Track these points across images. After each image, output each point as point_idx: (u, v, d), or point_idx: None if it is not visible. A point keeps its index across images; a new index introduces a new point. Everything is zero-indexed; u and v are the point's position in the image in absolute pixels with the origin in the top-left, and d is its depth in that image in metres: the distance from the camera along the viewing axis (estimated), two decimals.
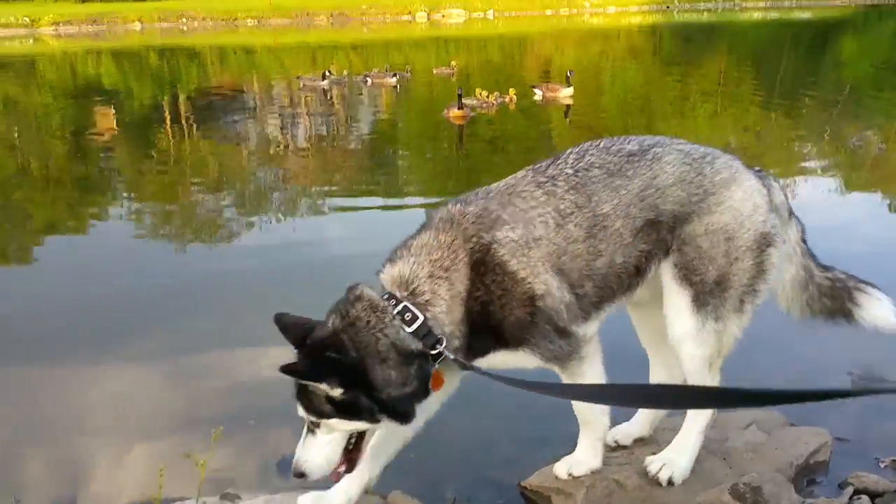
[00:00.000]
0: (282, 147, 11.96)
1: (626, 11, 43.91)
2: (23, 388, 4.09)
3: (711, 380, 2.55)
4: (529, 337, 2.32)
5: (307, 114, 15.34)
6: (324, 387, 2.11)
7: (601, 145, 2.51)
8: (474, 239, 2.29)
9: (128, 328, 4.83)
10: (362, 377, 2.14)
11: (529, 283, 2.25)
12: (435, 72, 19.98)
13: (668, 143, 2.55)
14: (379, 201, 8.11)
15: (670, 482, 2.66)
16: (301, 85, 18.12)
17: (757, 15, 40.30)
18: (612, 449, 2.99)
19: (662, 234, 2.45)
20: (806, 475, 2.99)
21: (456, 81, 18.03)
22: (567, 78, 14.51)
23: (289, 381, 2.11)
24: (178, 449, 3.10)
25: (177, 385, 4.08)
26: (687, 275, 2.44)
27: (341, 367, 2.12)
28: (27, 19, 42.06)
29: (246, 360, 4.23)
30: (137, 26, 42.89)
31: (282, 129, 13.70)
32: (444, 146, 11.61)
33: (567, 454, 2.81)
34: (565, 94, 14.53)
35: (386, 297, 2.26)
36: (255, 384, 3.87)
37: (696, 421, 2.64)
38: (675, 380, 2.78)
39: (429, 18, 43.69)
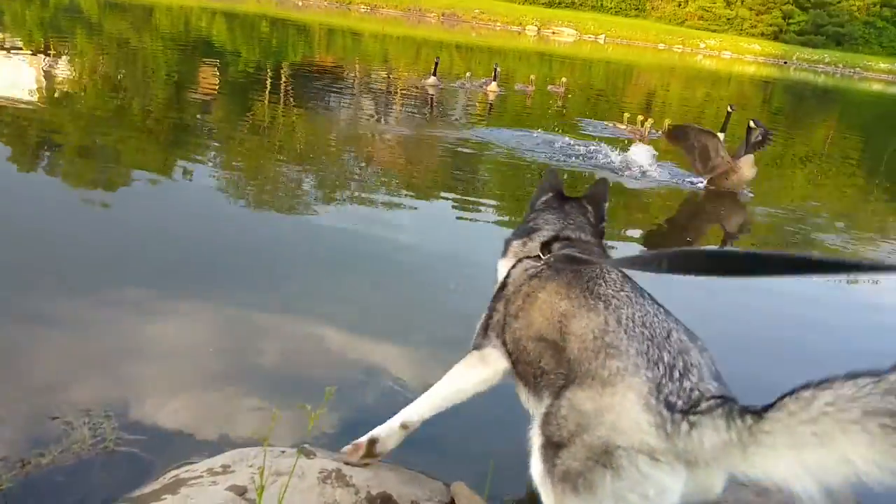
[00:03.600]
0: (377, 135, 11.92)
1: (742, 59, 42.69)
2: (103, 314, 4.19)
3: None
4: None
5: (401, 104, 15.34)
6: None
7: (641, 304, 2.28)
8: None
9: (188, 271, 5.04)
10: None
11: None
12: (548, 88, 19.86)
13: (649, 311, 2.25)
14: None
15: None
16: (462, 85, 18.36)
17: (876, 87, 38.51)
18: None
19: (558, 371, 2.27)
20: None
21: (564, 103, 17.77)
22: (727, 115, 12.41)
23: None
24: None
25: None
26: (546, 419, 2.19)
27: None
28: None
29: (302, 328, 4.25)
30: None
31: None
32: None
33: None
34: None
35: None
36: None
37: None
38: None
39: (539, 33, 43.51)
